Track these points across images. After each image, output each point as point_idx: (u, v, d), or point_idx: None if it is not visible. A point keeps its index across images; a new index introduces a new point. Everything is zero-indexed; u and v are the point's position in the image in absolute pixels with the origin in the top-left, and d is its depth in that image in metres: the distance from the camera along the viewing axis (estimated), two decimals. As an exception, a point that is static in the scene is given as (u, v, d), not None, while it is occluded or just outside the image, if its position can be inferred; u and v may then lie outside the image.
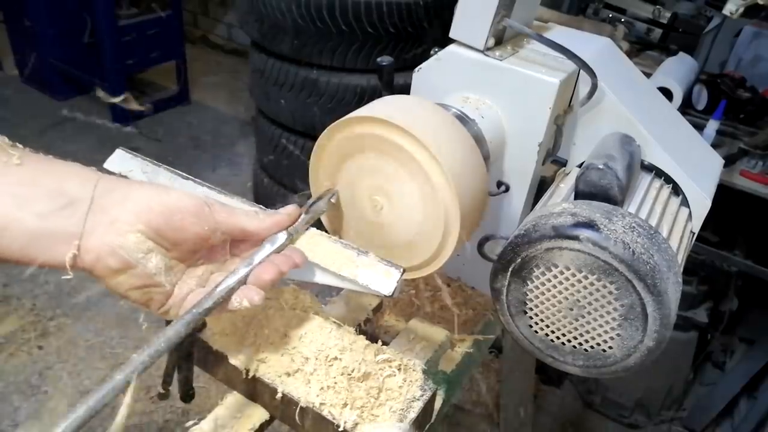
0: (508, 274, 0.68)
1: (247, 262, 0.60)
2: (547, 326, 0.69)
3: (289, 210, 0.65)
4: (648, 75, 1.72)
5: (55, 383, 2.11)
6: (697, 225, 0.84)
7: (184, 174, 0.71)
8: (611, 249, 0.61)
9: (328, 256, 0.67)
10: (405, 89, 0.86)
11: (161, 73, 3.86)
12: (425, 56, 0.86)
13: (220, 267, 0.63)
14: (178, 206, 0.56)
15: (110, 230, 0.53)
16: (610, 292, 0.63)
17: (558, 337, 0.69)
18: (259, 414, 0.74)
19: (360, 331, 0.88)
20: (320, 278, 0.68)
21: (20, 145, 0.54)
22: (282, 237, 0.63)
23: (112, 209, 0.53)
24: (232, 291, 0.58)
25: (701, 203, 0.83)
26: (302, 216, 0.66)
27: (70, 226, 0.52)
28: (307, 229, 0.67)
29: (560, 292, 0.66)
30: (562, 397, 2.31)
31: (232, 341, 0.73)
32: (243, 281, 0.59)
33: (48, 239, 0.51)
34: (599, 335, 0.66)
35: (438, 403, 0.76)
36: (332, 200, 0.72)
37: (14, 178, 0.51)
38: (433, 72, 0.86)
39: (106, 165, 0.73)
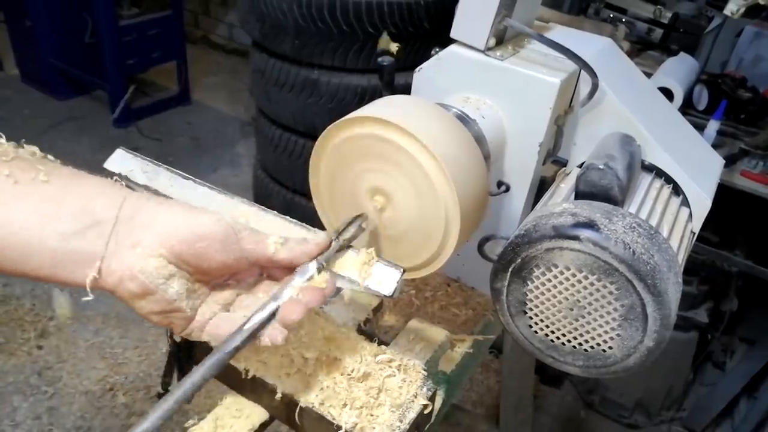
0: (508, 274, 0.68)
1: (275, 296, 0.59)
2: (547, 326, 0.69)
3: (319, 239, 0.63)
4: (649, 75, 1.72)
5: (55, 383, 2.11)
6: (697, 225, 0.84)
7: (184, 174, 0.71)
8: (611, 249, 0.60)
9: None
10: (406, 89, 0.86)
11: (162, 73, 3.87)
12: (426, 56, 0.86)
13: (248, 289, 0.61)
14: (204, 233, 0.54)
15: (132, 253, 0.52)
16: (611, 293, 0.63)
17: (558, 338, 0.69)
18: (258, 414, 0.74)
19: (360, 331, 0.88)
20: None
21: (51, 157, 0.53)
22: (312, 268, 0.61)
23: (135, 231, 0.52)
24: (260, 327, 0.57)
25: (702, 203, 0.83)
26: (333, 244, 0.65)
27: (92, 248, 0.51)
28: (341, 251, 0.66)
29: (560, 293, 0.65)
30: (561, 397, 2.31)
31: (232, 341, 0.73)
32: (272, 316, 0.57)
33: (70, 260, 0.50)
34: (599, 335, 0.66)
35: (438, 404, 0.76)
36: (363, 226, 0.70)
37: (39, 196, 0.50)
38: (433, 72, 0.85)
39: (106, 165, 0.72)
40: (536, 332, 0.70)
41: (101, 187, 0.54)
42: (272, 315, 0.58)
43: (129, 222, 0.52)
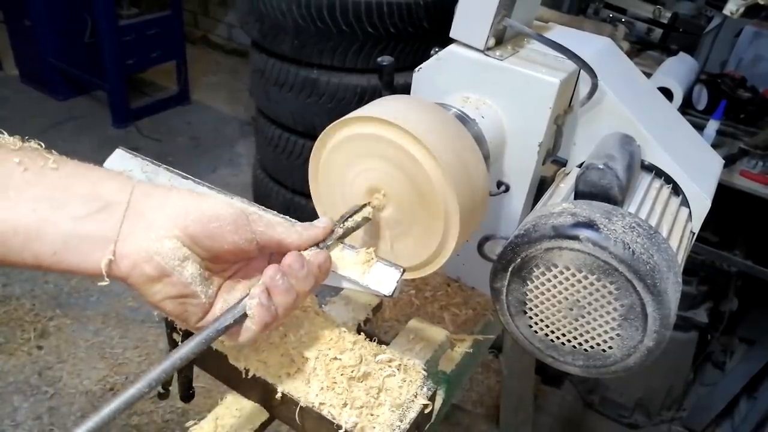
0: (508, 274, 0.68)
1: None
2: (547, 326, 0.69)
3: (324, 223, 0.63)
4: (648, 75, 1.72)
5: (55, 383, 2.11)
6: (697, 225, 0.84)
7: (183, 174, 0.71)
8: (611, 249, 0.60)
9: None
10: (405, 89, 0.86)
11: (161, 73, 3.86)
12: (425, 56, 0.86)
13: None
14: (216, 214, 0.54)
15: (147, 235, 0.51)
16: (610, 292, 0.63)
17: (558, 337, 0.69)
18: (258, 414, 0.74)
19: (360, 331, 0.88)
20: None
21: (55, 152, 0.53)
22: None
23: (148, 213, 0.52)
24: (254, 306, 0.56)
25: (701, 203, 0.83)
26: (336, 231, 0.65)
27: (105, 231, 0.50)
28: (342, 237, 0.66)
29: (560, 292, 0.65)
30: (562, 396, 2.31)
31: (232, 341, 0.73)
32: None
33: (83, 243, 0.50)
34: (599, 335, 0.66)
35: (438, 403, 0.76)
36: (368, 216, 0.70)
37: (50, 182, 0.50)
38: (433, 72, 0.86)
39: (106, 165, 0.72)
40: (536, 332, 0.70)
41: (110, 175, 0.54)
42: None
43: (140, 206, 0.52)
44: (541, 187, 0.89)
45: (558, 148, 0.86)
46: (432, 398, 0.71)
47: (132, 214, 0.51)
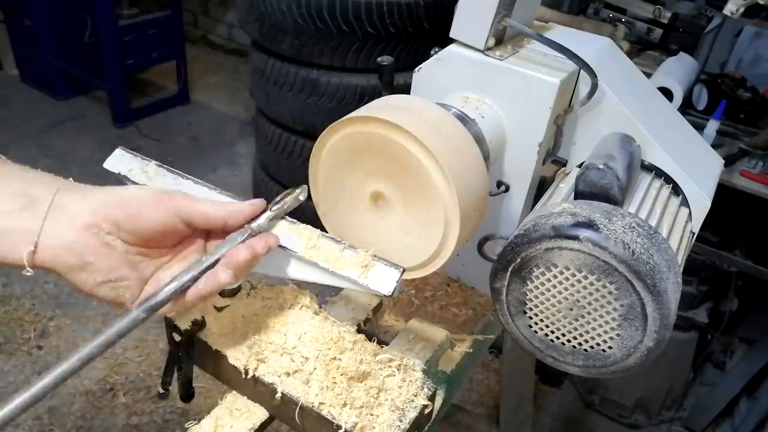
0: (508, 274, 0.68)
1: (206, 257, 0.60)
2: (547, 326, 0.69)
3: (254, 201, 0.65)
4: (648, 75, 1.72)
5: (55, 383, 2.11)
6: (697, 225, 0.84)
7: (184, 174, 0.71)
8: (611, 249, 0.60)
9: (328, 257, 0.67)
10: (405, 89, 0.86)
11: (161, 73, 3.86)
12: (425, 56, 0.86)
13: None
14: (134, 195, 0.57)
15: (68, 227, 0.54)
16: (610, 292, 0.63)
17: (558, 337, 0.69)
18: (258, 414, 0.74)
19: (360, 331, 0.88)
20: (320, 278, 0.68)
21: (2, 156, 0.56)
22: (246, 231, 0.63)
23: (70, 206, 0.55)
24: (194, 280, 0.59)
25: (701, 203, 0.83)
26: (267, 212, 0.66)
27: (30, 225, 0.54)
28: (275, 220, 0.67)
29: (560, 292, 0.66)
30: (561, 396, 2.31)
31: (232, 341, 0.73)
32: (210, 267, 0.59)
33: (9, 237, 0.53)
34: (599, 335, 0.66)
35: (437, 403, 0.76)
36: (300, 197, 0.71)
37: None
38: (433, 72, 0.86)
39: (106, 165, 0.73)
40: (536, 332, 0.70)
41: (40, 176, 0.57)
42: (211, 265, 0.59)
43: (64, 200, 0.55)
44: (541, 187, 0.89)
45: (558, 148, 0.86)
46: (432, 398, 0.71)
47: (55, 209, 0.55)
